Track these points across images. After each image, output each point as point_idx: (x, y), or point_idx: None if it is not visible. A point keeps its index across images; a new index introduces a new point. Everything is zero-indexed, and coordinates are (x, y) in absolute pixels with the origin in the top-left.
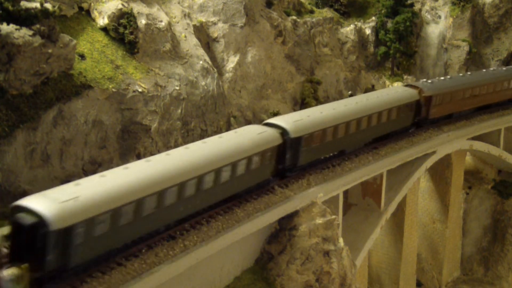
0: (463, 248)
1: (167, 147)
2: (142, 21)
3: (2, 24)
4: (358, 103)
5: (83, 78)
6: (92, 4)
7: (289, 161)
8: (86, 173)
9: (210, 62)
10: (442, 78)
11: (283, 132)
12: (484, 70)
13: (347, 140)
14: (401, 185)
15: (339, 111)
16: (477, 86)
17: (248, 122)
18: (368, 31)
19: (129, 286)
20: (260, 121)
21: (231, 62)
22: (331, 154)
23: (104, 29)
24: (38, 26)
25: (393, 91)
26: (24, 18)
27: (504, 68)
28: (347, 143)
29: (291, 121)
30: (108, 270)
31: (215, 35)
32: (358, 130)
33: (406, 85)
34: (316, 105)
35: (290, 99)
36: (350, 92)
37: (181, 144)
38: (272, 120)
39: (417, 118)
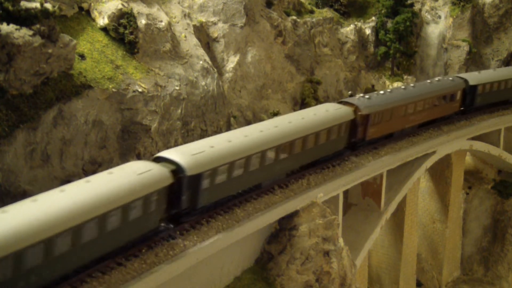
0: (463, 248)
1: (167, 147)
2: (142, 21)
3: (2, 24)
4: (278, 127)
5: (83, 78)
6: (92, 4)
7: (186, 204)
8: (86, 173)
9: (210, 62)
10: (381, 92)
11: (177, 169)
12: (428, 81)
13: (263, 172)
14: (401, 185)
15: (252, 138)
16: (422, 99)
17: (248, 122)
18: (368, 31)
19: (129, 286)
20: (260, 121)
21: (231, 62)
22: (243, 191)
23: (104, 29)
24: (38, 26)
25: (323, 110)
26: (24, 18)
27: (450, 78)
28: (263, 175)
29: (189, 154)
30: (108, 270)
31: (215, 35)
32: (278, 160)
33: (340, 102)
34: (316, 105)
35: (290, 99)
36: (350, 92)
37: (181, 144)
38: (165, 154)
39: (353, 140)
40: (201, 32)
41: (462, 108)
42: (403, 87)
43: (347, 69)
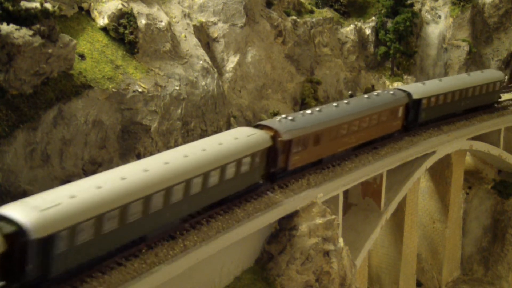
0: (463, 248)
1: (167, 147)
2: (142, 21)
3: (2, 24)
4: (169, 163)
5: (83, 78)
6: (92, 4)
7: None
8: (86, 173)
9: (210, 62)
10: (308, 111)
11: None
12: (366, 96)
13: (149, 221)
14: (401, 185)
15: (134, 179)
16: (357, 118)
17: (248, 122)
18: (368, 31)
19: (129, 286)
20: (260, 121)
21: (231, 62)
22: (130, 242)
23: (104, 29)
24: (38, 26)
25: (231, 138)
26: (24, 18)
27: (391, 92)
28: (148, 225)
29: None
30: (108, 270)
31: (215, 35)
32: (169, 205)
33: (257, 125)
34: (316, 105)
35: (290, 99)
36: (350, 92)
37: (182, 144)
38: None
39: (272, 170)
40: (201, 32)
41: (405, 125)
42: (334, 104)
43: (347, 69)
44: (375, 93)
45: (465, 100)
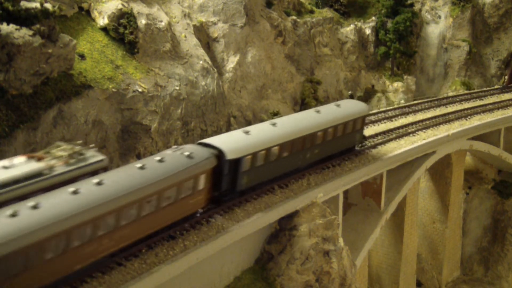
0: (463, 248)
1: (167, 147)
2: (142, 21)
3: (2, 24)
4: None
5: (83, 78)
6: (92, 4)
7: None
8: None
9: (210, 62)
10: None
11: None
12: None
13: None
14: (401, 185)
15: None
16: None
17: (248, 122)
18: (368, 31)
19: (129, 286)
20: (260, 121)
21: (231, 62)
22: None
23: (104, 29)
24: (38, 26)
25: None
26: (24, 18)
27: (186, 153)
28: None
29: None
30: (108, 270)
31: (215, 35)
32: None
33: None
34: (316, 105)
35: (290, 99)
36: (350, 92)
37: (181, 144)
38: None
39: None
40: (201, 32)
41: (217, 196)
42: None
43: (347, 69)
44: (157, 157)
45: (312, 150)
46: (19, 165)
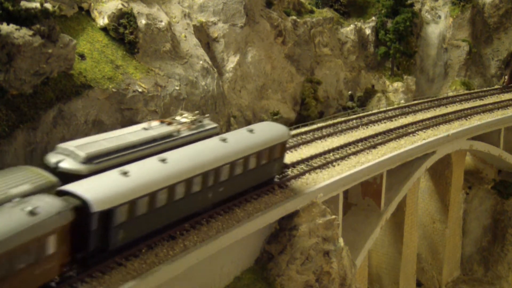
0: (463, 248)
1: None
2: (142, 21)
3: (2, 24)
4: None
5: (83, 78)
6: (92, 4)
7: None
8: None
9: (210, 62)
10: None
11: None
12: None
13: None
14: (401, 185)
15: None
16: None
17: (248, 122)
18: (368, 31)
19: (129, 286)
20: (260, 121)
21: (231, 62)
22: None
23: (104, 29)
24: (38, 26)
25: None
26: (24, 18)
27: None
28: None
29: None
30: (108, 270)
31: (215, 35)
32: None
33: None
34: (316, 105)
35: (290, 99)
36: (350, 92)
37: None
38: None
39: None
40: (201, 32)
41: (81, 258)
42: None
43: (347, 69)
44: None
45: (216, 188)
46: (156, 128)
